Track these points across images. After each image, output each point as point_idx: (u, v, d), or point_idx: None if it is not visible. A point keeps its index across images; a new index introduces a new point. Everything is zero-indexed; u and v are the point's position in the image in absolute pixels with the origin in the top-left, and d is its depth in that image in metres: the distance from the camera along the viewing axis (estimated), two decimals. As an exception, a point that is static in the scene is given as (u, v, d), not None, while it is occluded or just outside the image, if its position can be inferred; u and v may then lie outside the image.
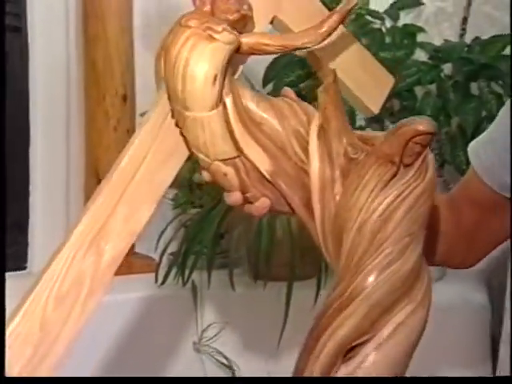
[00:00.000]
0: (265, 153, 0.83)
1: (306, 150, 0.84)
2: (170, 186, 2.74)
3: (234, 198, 0.86)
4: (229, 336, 2.27)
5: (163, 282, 2.26)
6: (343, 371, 0.79)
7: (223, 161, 0.83)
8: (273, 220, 2.29)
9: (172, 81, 0.81)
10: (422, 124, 0.79)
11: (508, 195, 1.08)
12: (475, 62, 2.43)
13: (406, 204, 0.78)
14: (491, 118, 2.39)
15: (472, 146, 1.13)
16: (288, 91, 0.88)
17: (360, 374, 0.79)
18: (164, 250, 2.34)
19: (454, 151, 2.39)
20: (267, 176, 0.84)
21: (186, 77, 0.79)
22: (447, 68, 2.47)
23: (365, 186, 0.80)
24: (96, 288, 0.84)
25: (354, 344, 0.79)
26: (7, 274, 1.20)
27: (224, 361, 2.24)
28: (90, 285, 0.83)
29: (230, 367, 2.23)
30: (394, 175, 0.78)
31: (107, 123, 2.32)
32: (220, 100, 0.82)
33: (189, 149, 0.85)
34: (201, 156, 0.83)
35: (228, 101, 0.83)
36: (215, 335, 2.27)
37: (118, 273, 2.30)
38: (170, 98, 0.83)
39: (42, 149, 2.34)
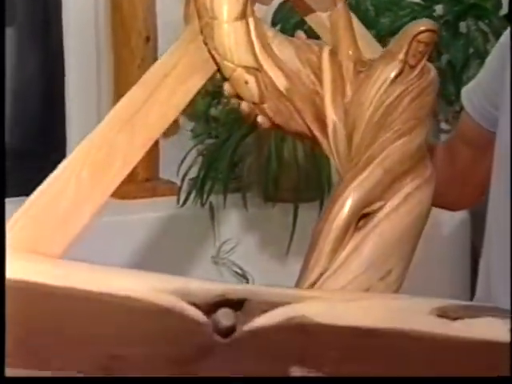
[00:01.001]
0: (281, 72, 0.88)
1: (317, 75, 0.90)
2: (189, 119, 2.99)
3: (246, 106, 0.90)
4: (243, 250, 2.53)
5: (184, 204, 2.51)
6: (356, 238, 0.84)
7: (246, 68, 0.87)
8: (281, 149, 2.55)
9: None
10: (425, 23, 0.87)
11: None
12: (464, 2, 2.65)
13: (412, 94, 0.86)
14: (478, 55, 2.64)
15: (464, 90, 1.21)
16: (300, 34, 0.94)
17: (372, 238, 0.84)
18: (184, 176, 2.61)
19: (443, 85, 2.63)
20: (284, 91, 0.89)
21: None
22: (439, 8, 2.69)
23: (374, 84, 0.87)
24: (127, 165, 0.86)
25: (366, 211, 0.84)
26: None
27: (239, 271, 2.52)
28: (122, 160, 0.86)
29: (244, 276, 2.51)
30: (400, 73, 0.85)
31: (133, 62, 2.58)
32: (244, 15, 0.87)
33: (214, 60, 0.89)
34: (225, 63, 0.87)
35: (250, 20, 0.88)
36: (231, 249, 2.53)
37: (144, 196, 2.58)
38: (199, 16, 0.88)
39: (76, 88, 2.61)
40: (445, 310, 0.72)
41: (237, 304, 0.71)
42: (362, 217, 0.86)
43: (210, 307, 0.71)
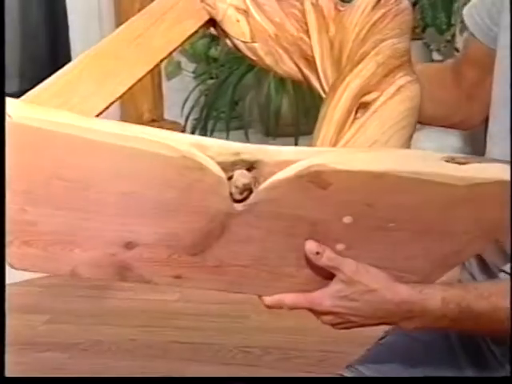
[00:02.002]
0: (269, 19, 0.96)
1: (301, 26, 0.96)
2: (190, 61, 3.04)
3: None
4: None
5: (189, 145, 2.61)
6: (356, 125, 0.91)
7: (236, 8, 0.95)
8: (280, 86, 2.65)
9: None
10: None
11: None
12: None
13: (392, 14, 0.93)
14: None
15: (466, 9, 1.21)
16: None
17: (373, 121, 0.90)
18: (188, 116, 2.71)
19: (434, 14, 2.70)
20: (272, 35, 0.95)
21: None
22: None
23: (356, 12, 0.93)
24: (131, 77, 0.92)
25: (364, 100, 0.91)
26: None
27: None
28: (127, 72, 0.92)
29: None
30: (379, 1, 0.93)
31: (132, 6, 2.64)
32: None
33: (206, 10, 0.96)
34: (218, 4, 0.95)
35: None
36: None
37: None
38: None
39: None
40: (453, 157, 0.82)
41: (252, 165, 0.81)
42: (359, 107, 0.92)
43: (227, 166, 0.81)
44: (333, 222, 0.84)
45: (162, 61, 0.95)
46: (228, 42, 0.98)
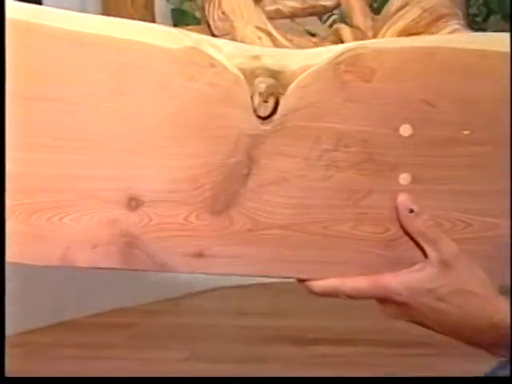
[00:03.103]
0: (287, 39, 0.83)
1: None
2: None
3: None
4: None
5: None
6: None
7: (257, 27, 0.84)
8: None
9: None
10: None
11: None
12: None
13: None
14: None
15: None
16: None
17: None
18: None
19: None
20: None
21: None
22: None
23: None
24: None
25: None
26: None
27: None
28: None
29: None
30: None
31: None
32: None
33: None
34: (236, 24, 0.81)
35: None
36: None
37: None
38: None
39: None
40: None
41: (275, 74, 0.65)
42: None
43: (245, 75, 0.65)
44: (387, 136, 0.66)
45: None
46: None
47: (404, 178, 0.67)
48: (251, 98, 0.64)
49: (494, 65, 0.65)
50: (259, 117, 0.65)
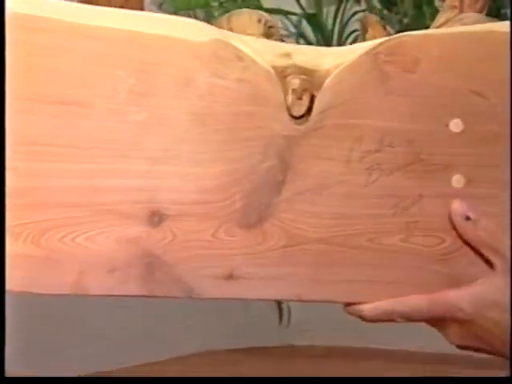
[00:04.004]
0: None
1: None
2: None
3: None
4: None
5: None
6: None
7: None
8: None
9: None
10: None
11: None
12: None
13: None
14: None
15: None
16: None
17: None
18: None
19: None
20: None
21: None
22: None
23: None
24: None
25: None
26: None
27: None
28: None
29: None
30: None
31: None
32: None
33: None
34: None
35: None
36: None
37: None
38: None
39: None
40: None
41: (308, 73, 0.59)
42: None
43: (278, 69, 0.59)
44: (436, 133, 0.60)
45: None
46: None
47: (457, 180, 0.60)
48: (284, 96, 0.58)
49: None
50: (293, 116, 0.59)
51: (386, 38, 0.59)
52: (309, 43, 1.59)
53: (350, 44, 1.60)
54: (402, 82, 0.59)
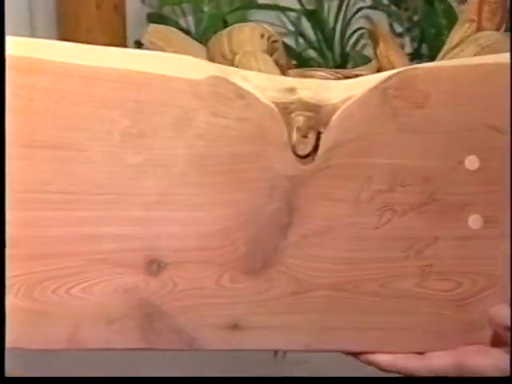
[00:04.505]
0: None
1: None
2: None
3: None
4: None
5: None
6: None
7: None
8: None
9: None
10: None
11: None
12: None
13: None
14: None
15: None
16: None
17: None
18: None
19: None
20: None
21: None
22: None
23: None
24: None
25: None
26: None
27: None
28: None
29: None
30: None
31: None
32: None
33: None
34: None
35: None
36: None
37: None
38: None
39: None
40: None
41: (314, 109, 0.56)
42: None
43: (282, 105, 0.55)
44: (450, 171, 0.56)
45: None
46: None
47: (474, 221, 0.57)
48: (288, 134, 0.55)
49: None
50: (298, 155, 0.55)
51: (395, 70, 0.55)
52: (308, 42, 1.51)
53: (354, 43, 1.52)
54: (412, 117, 0.55)
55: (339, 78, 0.63)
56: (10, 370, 0.59)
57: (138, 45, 1.32)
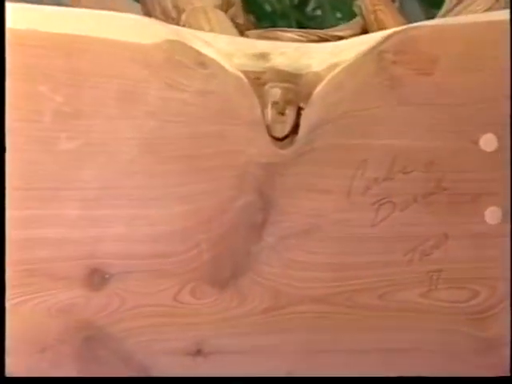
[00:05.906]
0: None
1: None
2: None
3: None
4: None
5: None
6: None
7: None
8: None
9: None
10: None
11: None
12: None
13: None
14: None
15: None
16: None
17: None
18: None
19: None
20: None
21: None
22: None
23: None
24: None
25: None
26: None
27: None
28: None
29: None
30: None
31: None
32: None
33: None
34: None
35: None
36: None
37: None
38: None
39: None
40: None
41: (292, 80, 0.46)
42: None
43: (252, 75, 0.45)
44: (462, 153, 0.47)
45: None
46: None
47: (492, 214, 0.47)
48: (261, 111, 0.45)
49: None
50: (274, 137, 0.45)
51: (392, 30, 0.45)
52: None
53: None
54: (416, 87, 0.45)
55: (313, 41, 0.53)
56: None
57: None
